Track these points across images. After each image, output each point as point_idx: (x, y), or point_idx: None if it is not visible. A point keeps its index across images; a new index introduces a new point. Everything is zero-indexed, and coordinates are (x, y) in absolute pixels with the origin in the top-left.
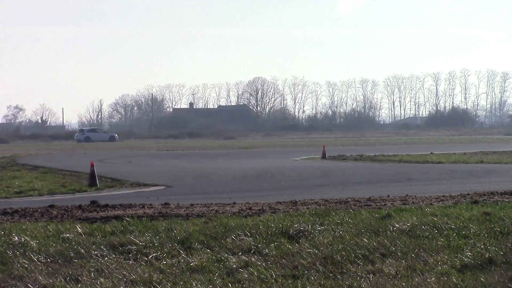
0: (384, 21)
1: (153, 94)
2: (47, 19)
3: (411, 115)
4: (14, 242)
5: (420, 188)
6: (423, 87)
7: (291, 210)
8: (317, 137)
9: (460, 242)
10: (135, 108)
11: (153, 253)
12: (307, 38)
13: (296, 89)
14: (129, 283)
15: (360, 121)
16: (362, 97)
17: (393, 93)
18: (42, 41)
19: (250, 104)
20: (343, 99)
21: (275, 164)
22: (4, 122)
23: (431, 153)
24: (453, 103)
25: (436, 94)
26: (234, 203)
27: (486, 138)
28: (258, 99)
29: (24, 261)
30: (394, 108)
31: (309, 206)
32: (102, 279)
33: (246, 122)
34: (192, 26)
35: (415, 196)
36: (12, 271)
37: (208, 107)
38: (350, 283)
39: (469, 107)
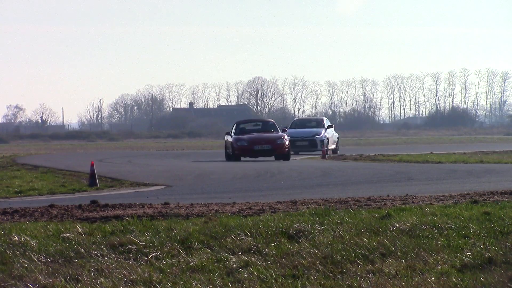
0: (384, 21)
1: (153, 94)
2: (47, 19)
3: (411, 115)
4: (14, 242)
5: (420, 188)
6: (423, 87)
7: (291, 209)
8: None
9: (460, 241)
10: (135, 108)
11: (153, 252)
12: (307, 38)
13: (296, 88)
14: (129, 283)
15: (360, 121)
16: (362, 97)
17: (393, 93)
18: (42, 41)
19: (250, 104)
20: (343, 98)
21: (275, 163)
22: (4, 122)
23: (431, 153)
24: (453, 103)
25: (436, 94)
26: (234, 202)
27: (486, 138)
28: (258, 98)
29: (24, 260)
30: (394, 108)
31: (309, 205)
32: (102, 279)
33: None
34: (192, 26)
35: (415, 196)
36: (12, 271)
37: (208, 106)
38: (350, 283)
39: (469, 107)
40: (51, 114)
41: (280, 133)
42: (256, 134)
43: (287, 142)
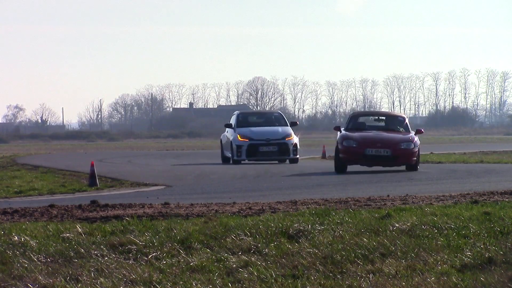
0: (384, 21)
1: (153, 94)
2: (47, 19)
3: (411, 115)
4: (14, 242)
5: (420, 188)
6: (423, 86)
7: (291, 209)
8: (317, 136)
9: (460, 241)
10: (135, 108)
11: (153, 252)
12: (307, 37)
13: (296, 88)
14: (129, 283)
15: None
16: (362, 96)
17: (393, 92)
18: (41, 41)
19: (250, 104)
20: (343, 98)
21: (275, 163)
22: (4, 122)
23: (431, 153)
24: (453, 102)
25: (436, 94)
26: (234, 202)
27: (486, 138)
28: (258, 99)
29: (24, 260)
30: (394, 108)
31: (309, 205)
32: (102, 279)
33: None
34: (192, 26)
35: (415, 196)
36: (12, 271)
37: (208, 107)
38: (350, 283)
39: (469, 107)
40: (51, 114)
41: (409, 134)
42: (374, 132)
43: (416, 148)
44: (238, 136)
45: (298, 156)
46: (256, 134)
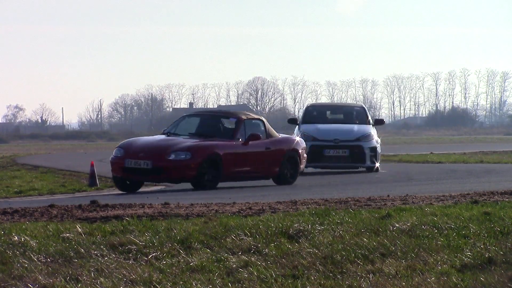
0: (384, 21)
1: (153, 94)
2: (47, 19)
3: (411, 115)
4: (14, 242)
5: (420, 188)
6: (423, 87)
7: (291, 210)
8: None
9: (460, 241)
10: (135, 108)
11: (153, 252)
12: (307, 38)
13: (296, 88)
14: (129, 283)
15: None
16: (362, 97)
17: (393, 93)
18: (41, 41)
19: (250, 104)
20: (343, 99)
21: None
22: (4, 122)
23: (431, 153)
24: (453, 103)
25: (436, 94)
26: (234, 203)
27: (486, 138)
28: (258, 98)
29: (24, 260)
30: (394, 108)
31: (309, 206)
32: (102, 279)
33: None
34: (192, 26)
35: (415, 196)
36: (12, 271)
37: (208, 107)
38: (350, 283)
39: (469, 107)
40: (51, 114)
41: (232, 140)
42: (183, 137)
43: (199, 159)
44: (301, 135)
45: (377, 164)
46: (322, 132)
